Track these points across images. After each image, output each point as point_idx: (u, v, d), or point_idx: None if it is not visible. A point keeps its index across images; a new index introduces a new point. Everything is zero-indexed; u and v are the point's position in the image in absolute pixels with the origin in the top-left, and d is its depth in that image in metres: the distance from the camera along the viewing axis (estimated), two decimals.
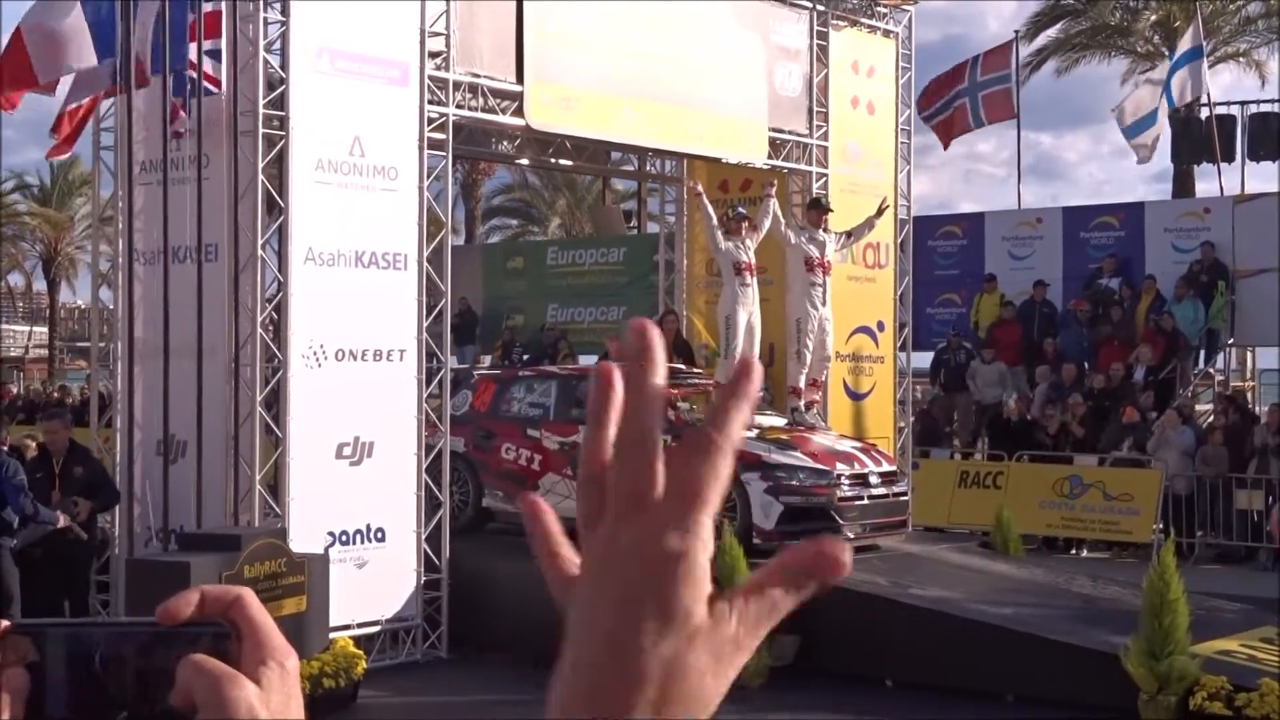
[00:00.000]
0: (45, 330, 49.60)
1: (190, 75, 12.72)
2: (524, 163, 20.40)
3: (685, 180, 18.11)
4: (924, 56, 27.64)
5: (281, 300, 12.86)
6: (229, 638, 0.95)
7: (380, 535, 13.42)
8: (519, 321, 27.23)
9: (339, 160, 13.16)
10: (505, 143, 17.78)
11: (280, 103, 12.82)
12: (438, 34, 13.92)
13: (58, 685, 0.94)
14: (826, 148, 17.76)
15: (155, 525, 13.14)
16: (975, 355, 22.94)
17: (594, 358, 21.05)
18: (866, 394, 18.34)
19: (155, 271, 13.16)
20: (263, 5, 12.83)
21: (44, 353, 48.25)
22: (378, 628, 13.41)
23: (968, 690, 12.47)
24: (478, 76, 14.42)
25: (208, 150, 12.84)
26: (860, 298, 18.02)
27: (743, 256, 15.24)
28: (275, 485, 12.89)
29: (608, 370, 0.91)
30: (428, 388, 13.91)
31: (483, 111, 14.62)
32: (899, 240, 18.67)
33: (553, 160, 18.68)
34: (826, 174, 17.70)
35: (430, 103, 13.85)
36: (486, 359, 25.77)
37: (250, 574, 11.54)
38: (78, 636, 0.96)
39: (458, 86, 14.22)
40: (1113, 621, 12.71)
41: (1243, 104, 26.37)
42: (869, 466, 14.96)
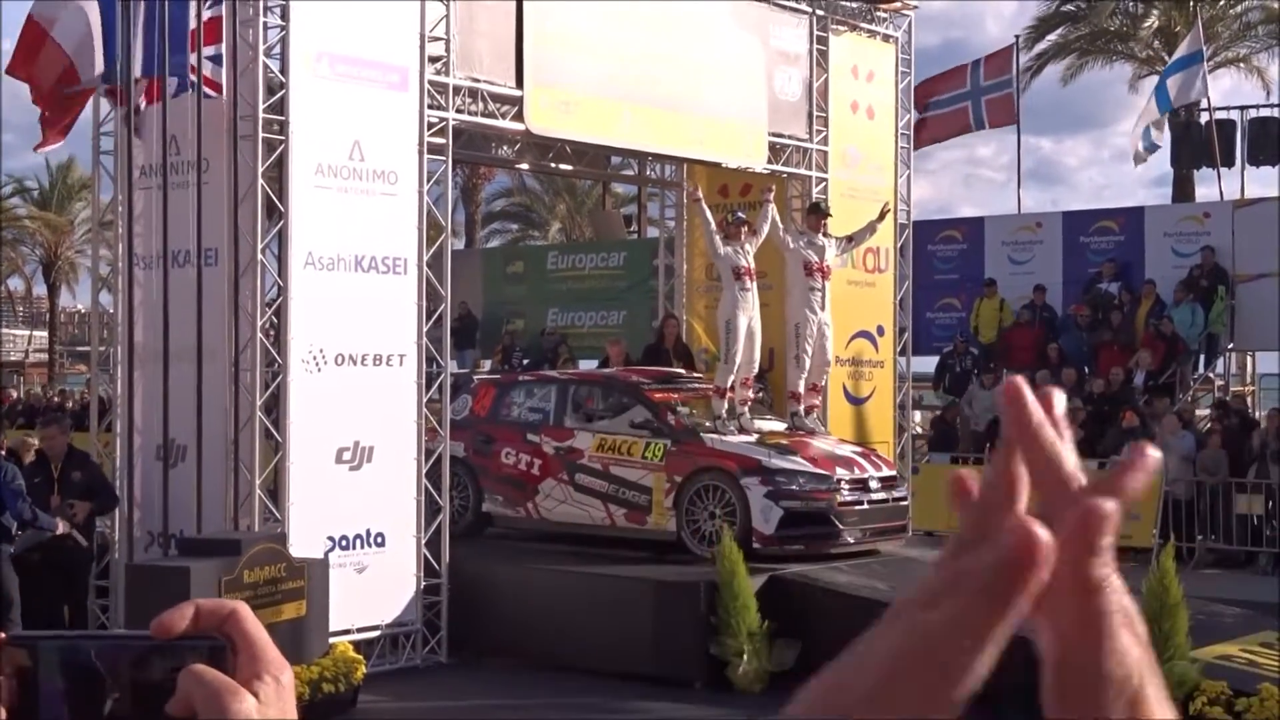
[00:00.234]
0: (45, 334, 49.59)
1: (190, 80, 12.73)
2: (524, 167, 20.38)
3: (685, 185, 18.12)
4: (924, 61, 27.67)
5: (281, 305, 12.86)
6: (224, 651, 0.95)
7: (380, 540, 13.42)
8: (519, 326, 27.24)
9: (339, 165, 13.16)
10: (505, 147, 17.78)
11: (280, 107, 12.83)
12: (437, 38, 13.93)
13: (53, 698, 0.94)
14: (826, 152, 17.76)
15: (155, 530, 13.13)
16: (979, 364, 22.90)
17: (594, 362, 21.04)
18: (866, 399, 18.34)
19: (155, 276, 13.16)
20: (263, 10, 12.84)
21: (44, 357, 48.25)
22: (377, 632, 13.41)
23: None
24: (477, 81, 14.43)
25: (207, 155, 12.84)
26: (860, 302, 18.02)
27: (742, 261, 15.24)
28: (275, 490, 12.89)
29: (1018, 388, 0.90)
30: (428, 392, 13.90)
31: (482, 116, 14.63)
32: (899, 245, 18.67)
33: (552, 165, 18.68)
34: (826, 179, 17.70)
35: (430, 107, 13.85)
36: (486, 363, 25.77)
37: (250, 579, 11.54)
38: (74, 649, 0.96)
39: (457, 91, 14.22)
40: None
41: (1242, 109, 26.41)
42: (869, 471, 14.95)
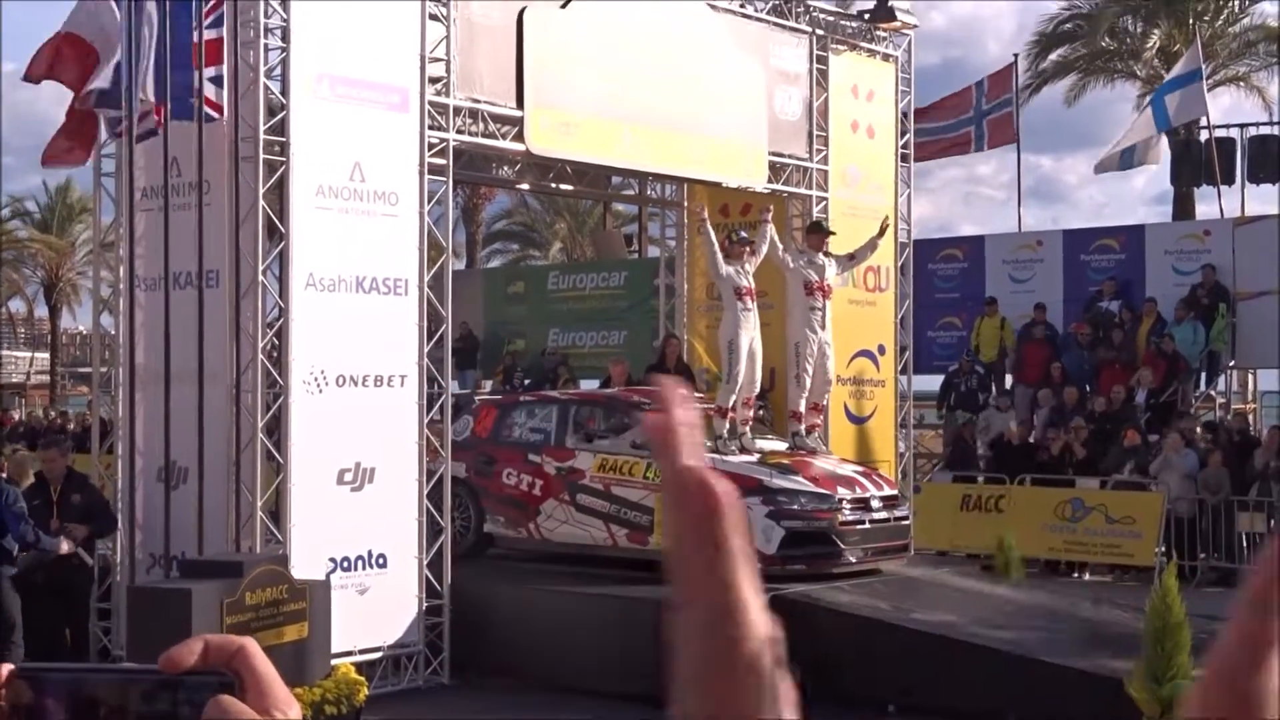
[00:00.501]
0: (47, 356, 49.62)
1: (191, 103, 12.74)
2: (524, 188, 20.42)
3: (687, 205, 18.12)
4: (924, 80, 27.76)
5: (282, 326, 12.86)
6: (232, 688, 0.95)
7: (382, 561, 13.40)
8: (520, 346, 27.22)
9: (339, 186, 13.17)
10: (506, 168, 17.81)
11: (281, 129, 12.84)
12: (438, 59, 13.95)
13: None
14: (827, 171, 17.79)
15: (157, 552, 13.12)
16: (983, 382, 22.90)
17: (595, 382, 21.03)
18: (868, 418, 18.33)
19: (156, 297, 13.16)
20: (263, 31, 12.86)
21: (46, 379, 48.26)
22: (379, 654, 13.38)
23: (969, 714, 12.43)
24: (478, 102, 14.45)
25: (208, 176, 12.85)
26: (861, 321, 18.03)
27: (743, 281, 15.24)
28: (276, 511, 12.87)
29: None
30: (429, 413, 13.90)
31: (483, 136, 14.65)
32: (899, 263, 18.68)
33: (553, 185, 18.71)
34: (826, 198, 17.72)
35: (430, 128, 13.87)
36: (488, 384, 25.75)
37: (251, 601, 11.52)
38: (80, 682, 0.96)
39: (458, 112, 14.24)
40: (1115, 645, 12.68)
41: (1242, 127, 26.46)
42: (870, 490, 14.93)
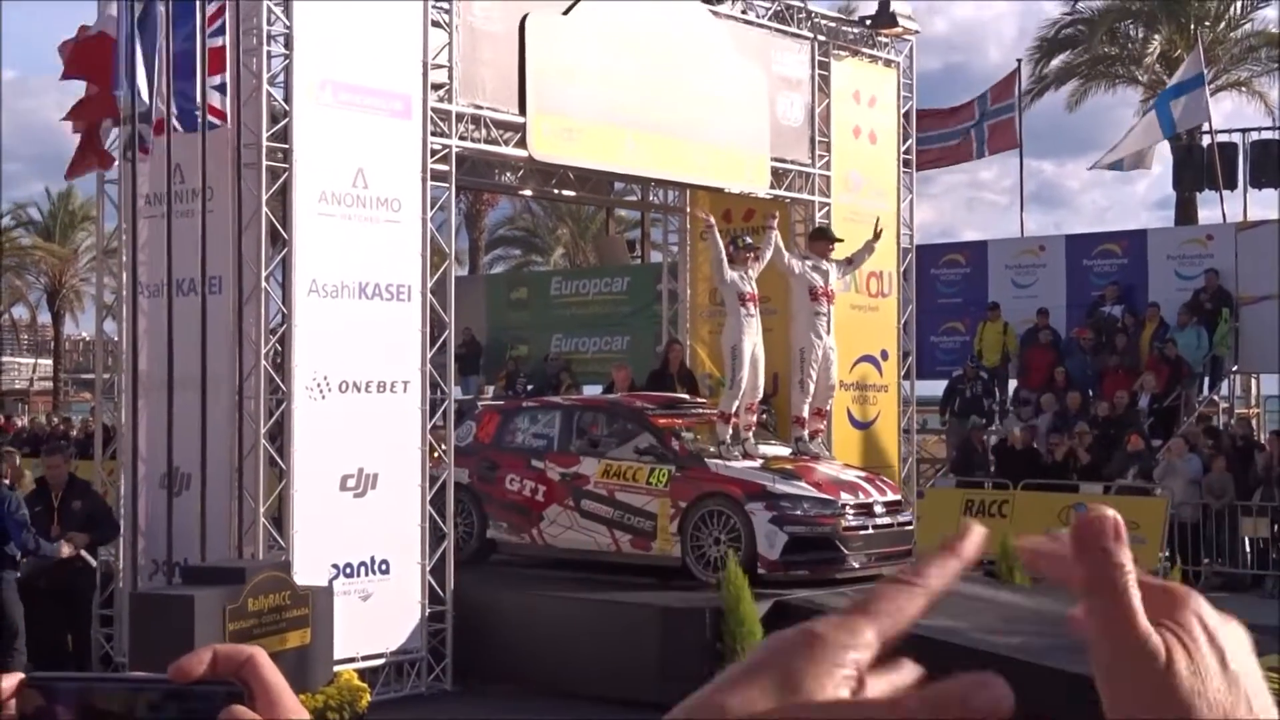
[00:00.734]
0: (50, 363, 49.68)
1: (195, 112, 12.76)
2: (527, 193, 20.43)
3: (695, 211, 18.09)
4: (925, 85, 27.78)
5: (285, 332, 12.87)
6: (241, 697, 0.95)
7: (384, 567, 13.40)
8: (523, 352, 27.23)
9: (342, 192, 13.18)
10: (508, 174, 17.82)
11: (283, 135, 12.86)
12: (440, 66, 13.96)
13: None
14: (829, 177, 17.80)
15: (159, 558, 13.12)
16: (993, 387, 22.92)
17: (598, 388, 21.05)
18: (871, 423, 18.33)
19: (159, 304, 13.17)
20: (266, 38, 12.87)
21: (49, 385, 48.33)
22: (382, 660, 13.38)
23: None
24: (480, 108, 14.46)
25: (212, 183, 12.86)
26: (864, 326, 18.03)
27: (746, 287, 15.24)
28: (279, 517, 12.87)
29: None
30: (432, 419, 13.90)
31: (485, 143, 14.65)
32: (902, 269, 18.69)
33: (556, 191, 18.73)
34: (829, 203, 17.73)
35: (433, 134, 13.88)
36: (490, 390, 25.76)
37: (254, 607, 11.52)
38: (90, 691, 0.96)
39: (460, 118, 14.25)
40: None
41: (1244, 131, 26.45)
42: (873, 496, 14.93)
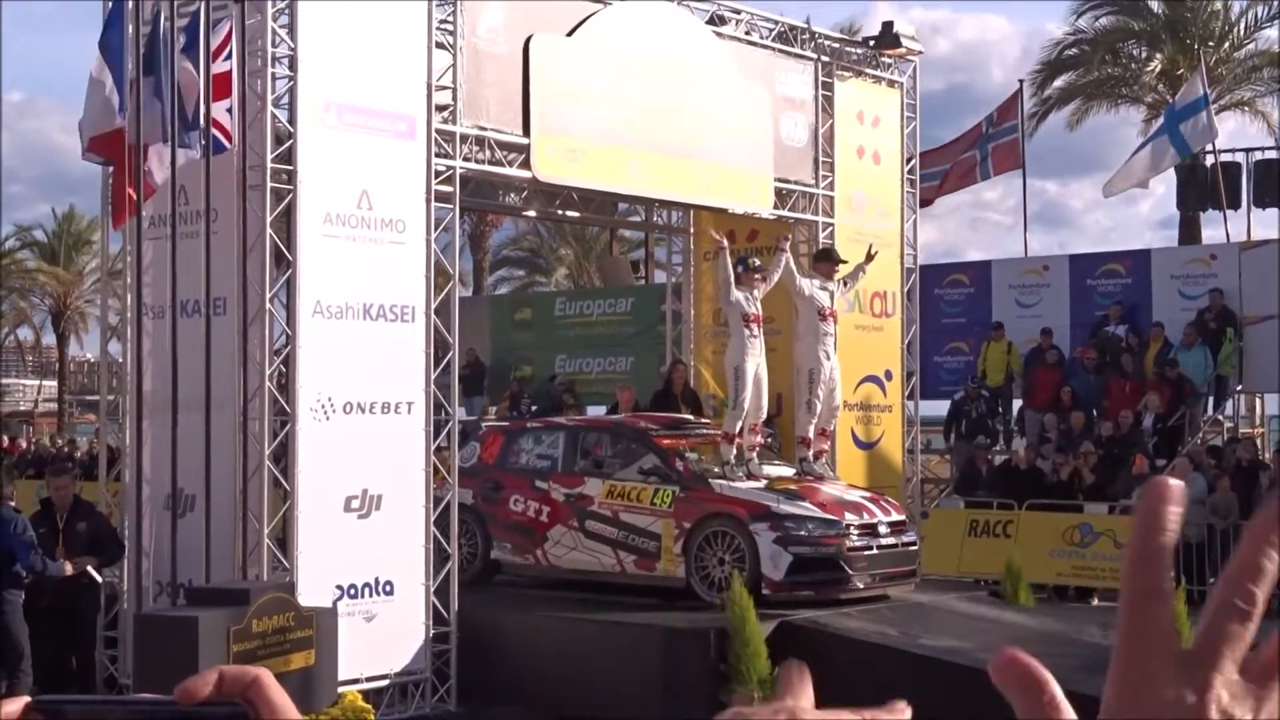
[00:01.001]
0: (55, 384, 49.74)
1: (197, 136, 12.78)
2: (531, 214, 20.45)
3: (710, 232, 18.06)
4: (928, 106, 27.84)
5: (289, 353, 12.88)
6: (246, 719, 0.96)
7: (389, 588, 13.39)
8: (527, 372, 27.24)
9: (347, 213, 13.20)
10: (512, 194, 17.84)
11: (288, 157, 12.88)
12: (444, 87, 13.99)
13: None
14: (833, 197, 17.81)
15: (164, 580, 13.12)
16: (996, 407, 22.90)
17: (602, 408, 21.04)
18: (875, 443, 18.32)
19: (164, 325, 13.19)
20: (271, 60, 12.91)
21: (53, 406, 48.37)
22: (386, 681, 13.36)
23: None
24: (484, 129, 14.49)
25: (216, 205, 12.89)
26: (868, 347, 18.03)
27: (751, 308, 15.26)
28: (283, 539, 12.87)
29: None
30: (436, 440, 13.90)
31: (489, 164, 14.68)
32: (906, 289, 18.70)
33: (560, 211, 18.74)
34: (833, 223, 17.74)
35: (437, 155, 13.90)
36: (494, 410, 25.77)
37: (258, 628, 11.51)
38: (97, 713, 0.96)
39: (464, 139, 14.28)
40: None
41: (1247, 151, 26.47)
42: (878, 516, 14.92)
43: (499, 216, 37.13)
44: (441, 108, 13.99)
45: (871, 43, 18.59)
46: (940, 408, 23.61)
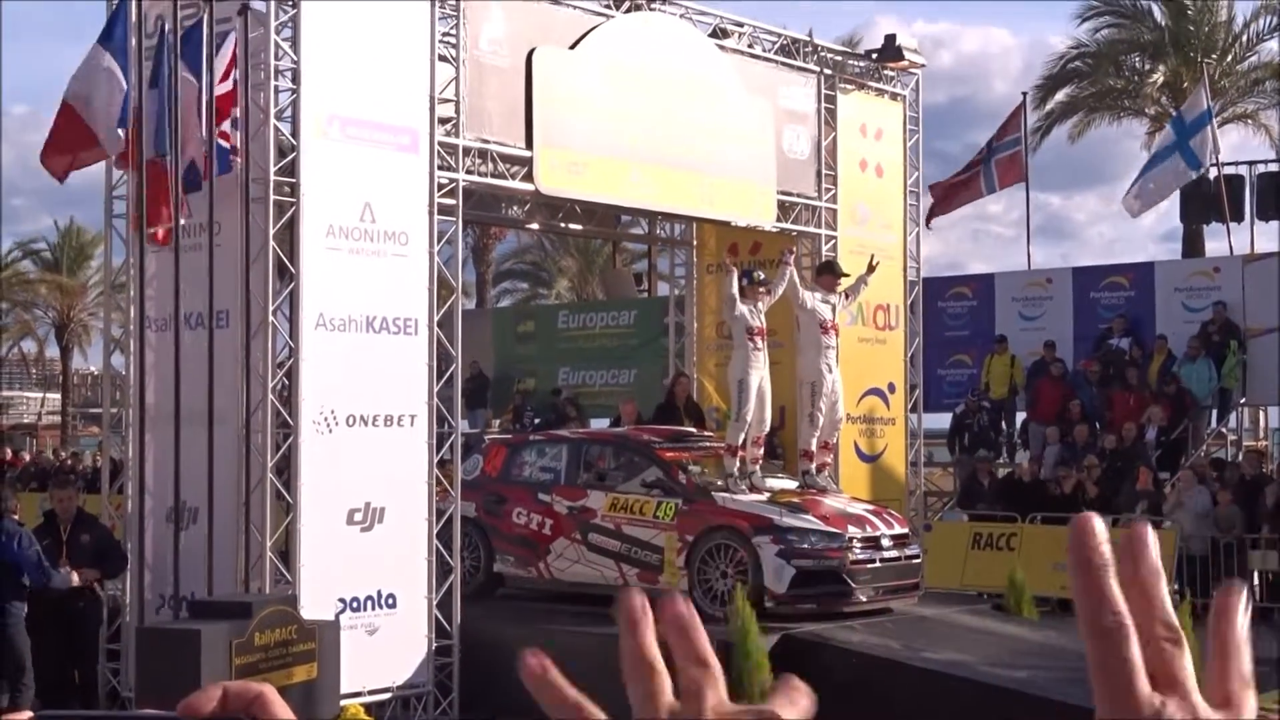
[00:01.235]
0: (58, 397, 49.71)
1: (197, 157, 12.79)
2: (534, 227, 20.46)
3: (725, 259, 18.08)
4: (931, 118, 27.85)
5: (292, 366, 12.88)
6: None
7: (391, 601, 13.37)
8: (530, 385, 27.21)
9: (350, 226, 13.20)
10: (515, 207, 17.85)
11: (291, 170, 12.89)
12: (447, 100, 14.00)
13: None
14: (835, 210, 17.81)
15: (166, 593, 13.11)
16: (999, 419, 22.87)
17: (605, 421, 21.03)
18: (878, 456, 18.30)
19: (167, 338, 13.19)
20: (274, 74, 12.92)
21: (57, 419, 48.33)
22: (389, 694, 13.34)
23: None
24: (487, 142, 14.50)
25: (219, 217, 12.90)
26: (871, 359, 18.02)
27: (755, 322, 15.27)
28: (286, 552, 12.86)
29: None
30: (438, 452, 13.89)
31: (492, 177, 14.69)
32: (909, 301, 18.69)
33: (562, 224, 18.75)
34: (836, 236, 17.75)
35: (440, 168, 13.91)
36: (497, 423, 25.75)
37: (261, 641, 11.49)
38: None
39: (467, 152, 14.29)
40: None
41: (1251, 164, 26.47)
42: (881, 529, 14.90)
43: (502, 229, 37.13)
44: (444, 120, 14.00)
45: (874, 56, 18.61)
46: (943, 420, 23.58)
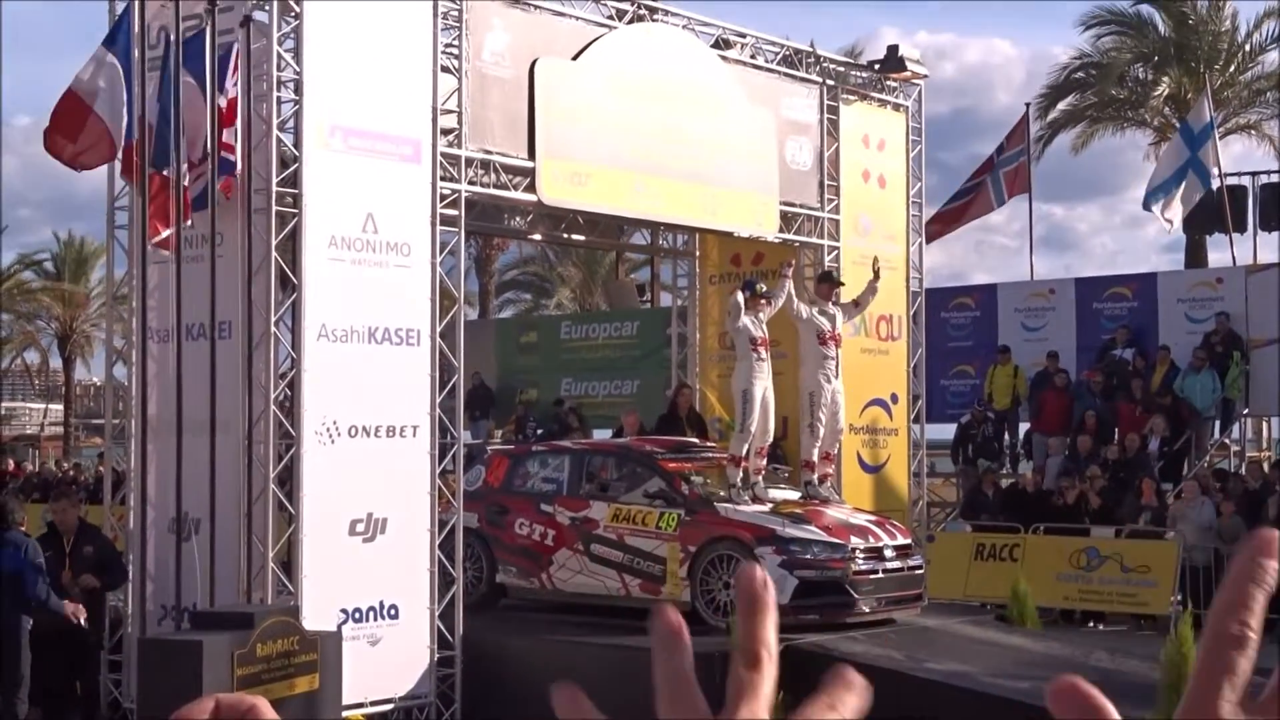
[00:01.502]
0: (61, 408, 49.72)
1: (194, 170, 12.80)
2: (536, 238, 20.47)
3: (740, 293, 18.05)
4: (934, 129, 27.88)
5: (295, 377, 12.88)
6: None
7: (393, 612, 13.37)
8: (533, 396, 27.21)
9: (352, 237, 13.21)
10: (518, 218, 17.86)
11: (293, 180, 12.90)
12: (450, 111, 14.02)
13: None
14: (838, 221, 17.82)
15: (168, 603, 13.10)
16: (1003, 430, 22.85)
17: (607, 432, 21.02)
18: (881, 466, 18.29)
19: (169, 349, 13.20)
20: (276, 84, 12.94)
21: (60, 430, 48.33)
22: (391, 705, 13.33)
23: None
24: (490, 153, 14.51)
25: (221, 228, 12.91)
26: (874, 370, 18.02)
27: (758, 332, 15.28)
28: (288, 562, 12.85)
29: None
30: (441, 463, 13.89)
31: (495, 187, 14.70)
32: (912, 312, 18.70)
33: (565, 235, 18.76)
34: (838, 247, 17.75)
35: (442, 179, 13.92)
36: (500, 434, 25.75)
37: (263, 652, 11.48)
38: None
39: (470, 163, 14.30)
40: (1131, 695, 12.59)
41: (1253, 174, 26.47)
42: (884, 539, 14.89)
43: (504, 240, 37.15)
44: (447, 131, 14.01)
45: (877, 66, 18.62)
46: (946, 431, 23.55)
